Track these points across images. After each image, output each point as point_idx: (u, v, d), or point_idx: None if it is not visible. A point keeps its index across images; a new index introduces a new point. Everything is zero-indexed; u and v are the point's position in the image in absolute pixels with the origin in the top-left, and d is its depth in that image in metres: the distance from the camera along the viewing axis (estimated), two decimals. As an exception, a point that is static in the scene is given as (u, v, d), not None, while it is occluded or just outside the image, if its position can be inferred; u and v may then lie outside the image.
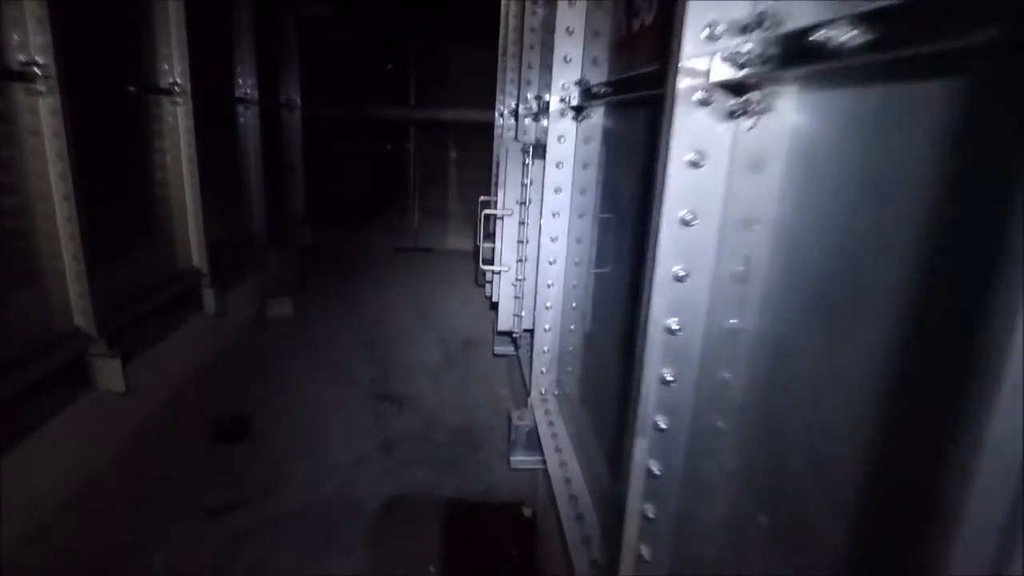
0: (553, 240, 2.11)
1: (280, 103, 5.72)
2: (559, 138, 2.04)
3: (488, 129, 7.59)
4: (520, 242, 2.36)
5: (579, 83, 1.98)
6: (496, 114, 5.41)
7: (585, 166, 2.02)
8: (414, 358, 4.25)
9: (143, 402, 3.02)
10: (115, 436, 2.83)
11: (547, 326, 2.19)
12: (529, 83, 3.11)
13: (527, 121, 3.15)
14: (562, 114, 2.04)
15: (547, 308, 2.18)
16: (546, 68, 2.85)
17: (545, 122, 3.16)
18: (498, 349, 3.42)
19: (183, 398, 3.42)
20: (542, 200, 2.09)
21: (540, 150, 2.23)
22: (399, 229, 7.76)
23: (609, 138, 1.88)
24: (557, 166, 2.05)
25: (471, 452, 3.11)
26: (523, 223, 2.35)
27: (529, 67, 3.09)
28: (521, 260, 2.37)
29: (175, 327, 3.42)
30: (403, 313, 5.15)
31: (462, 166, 7.69)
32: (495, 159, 5.50)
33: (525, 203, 2.32)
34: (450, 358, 4.28)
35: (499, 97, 5.37)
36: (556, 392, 2.25)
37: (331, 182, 7.20)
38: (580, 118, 2.01)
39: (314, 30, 6.28)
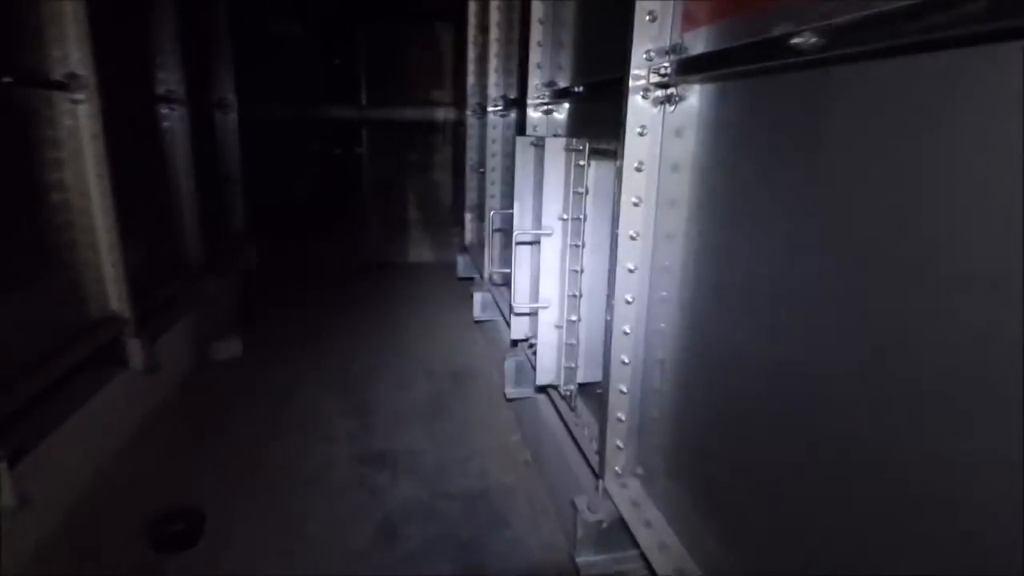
0: (631, 271, 1.51)
1: (213, 102, 4.86)
2: (639, 130, 1.45)
3: (453, 128, 6.96)
4: (574, 271, 1.75)
5: (671, 51, 1.39)
6: (468, 111, 4.78)
7: (675, 168, 1.43)
8: (398, 402, 3.55)
9: (45, 516, 2.22)
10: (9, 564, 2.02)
11: (623, 387, 1.59)
12: (539, 67, 2.50)
13: (536, 115, 2.54)
14: (643, 95, 1.44)
15: (624, 363, 1.59)
16: (559, 46, 2.25)
17: (559, 115, 2.57)
18: (511, 392, 2.81)
19: (104, 495, 2.61)
20: (617, 217, 1.49)
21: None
22: (355, 242, 6.96)
23: (724, 130, 1.31)
24: (637, 168, 1.45)
25: (496, 528, 2.47)
26: (576, 245, 1.74)
27: (539, 45, 2.48)
28: (575, 295, 1.76)
29: (87, 397, 2.60)
30: (374, 344, 4.42)
31: (423, 170, 6.98)
32: (468, 162, 4.85)
33: (579, 219, 1.71)
34: (441, 399, 3.61)
35: (470, 91, 4.74)
36: (639, 471, 1.66)
37: (276, 193, 6.33)
38: (671, 101, 1.42)
39: (251, 16, 5.43)
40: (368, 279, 6.32)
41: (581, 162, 1.63)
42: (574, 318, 1.74)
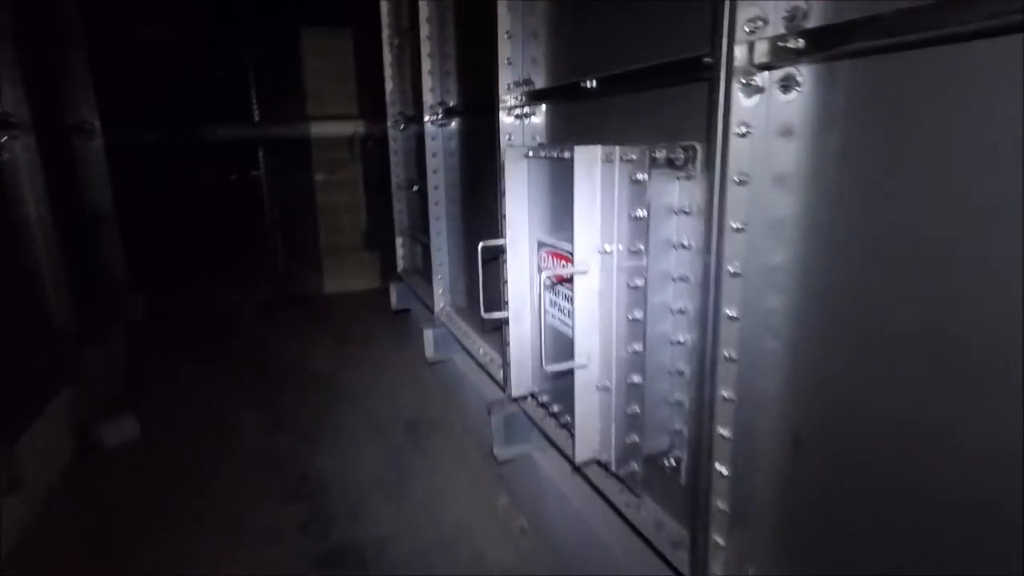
0: (733, 318, 1.13)
1: (69, 127, 3.95)
2: (742, 129, 1.06)
3: (363, 143, 6.31)
4: (632, 320, 1.33)
5: (792, 15, 1.01)
6: (388, 123, 4.24)
7: (779, 180, 1.07)
8: (350, 471, 2.96)
9: None
10: None
11: (724, 469, 1.20)
12: (510, 62, 2.07)
13: (510, 120, 2.11)
14: (745, 83, 1.06)
15: (724, 437, 1.20)
16: (532, 37, 1.85)
17: (536, 119, 2.16)
18: (503, 452, 2.36)
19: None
20: (717, 248, 1.10)
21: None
22: (261, 278, 6.13)
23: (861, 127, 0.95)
24: (740, 181, 1.07)
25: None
26: (636, 287, 1.32)
27: (508, 36, 2.05)
28: (636, 352, 1.34)
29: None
30: (306, 399, 3.76)
31: (333, 191, 6.29)
32: (394, 180, 4.31)
33: (640, 251, 1.30)
34: (401, 460, 3.06)
35: (389, 100, 4.21)
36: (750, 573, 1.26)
37: (162, 230, 5.38)
38: (789, 88, 1.05)
39: (111, 21, 4.54)
40: (283, 318, 5.54)
41: (639, 175, 1.22)
42: (636, 379, 1.32)
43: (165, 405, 3.63)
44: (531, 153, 1.72)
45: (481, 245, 1.85)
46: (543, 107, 2.07)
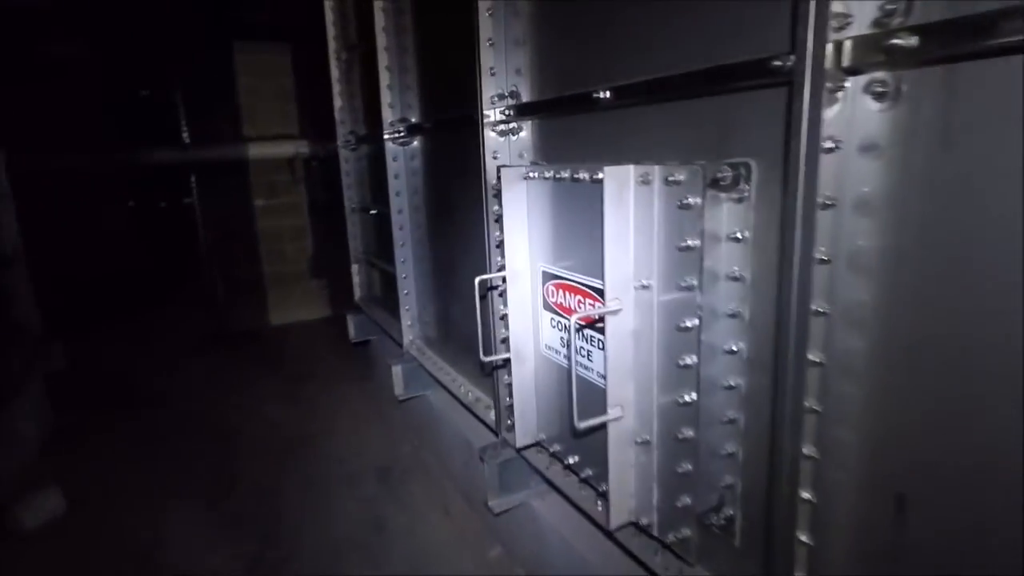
0: (816, 363, 0.96)
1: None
2: (831, 144, 0.91)
3: (306, 164, 5.92)
4: (682, 365, 1.14)
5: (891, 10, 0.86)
6: (339, 143, 3.96)
7: (863, 203, 0.92)
8: (319, 529, 2.63)
9: None
10: None
11: (805, 537, 1.03)
12: (494, 73, 1.88)
13: (493, 135, 1.92)
14: (836, 87, 0.91)
15: (805, 500, 1.03)
16: (517, 44, 1.68)
17: (524, 135, 1.96)
18: (498, 503, 2.13)
19: None
20: (801, 283, 0.93)
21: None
22: (198, 313, 5.63)
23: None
24: (827, 204, 0.92)
25: None
26: (686, 328, 1.13)
27: (491, 44, 1.86)
28: (686, 402, 1.15)
29: None
30: (261, 446, 3.38)
31: (275, 216, 5.89)
32: (347, 204, 4.01)
33: (691, 287, 1.11)
34: (377, 512, 2.76)
35: (339, 118, 3.93)
36: None
37: (83, 266, 4.83)
38: (885, 97, 0.90)
39: (14, 37, 4.03)
40: (227, 356, 5.08)
41: (691, 199, 1.04)
42: (688, 433, 1.14)
43: (95, 471, 3.17)
44: (533, 174, 1.52)
45: (478, 280, 1.63)
46: (528, 123, 1.88)
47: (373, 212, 3.59)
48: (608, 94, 1.37)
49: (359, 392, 4.00)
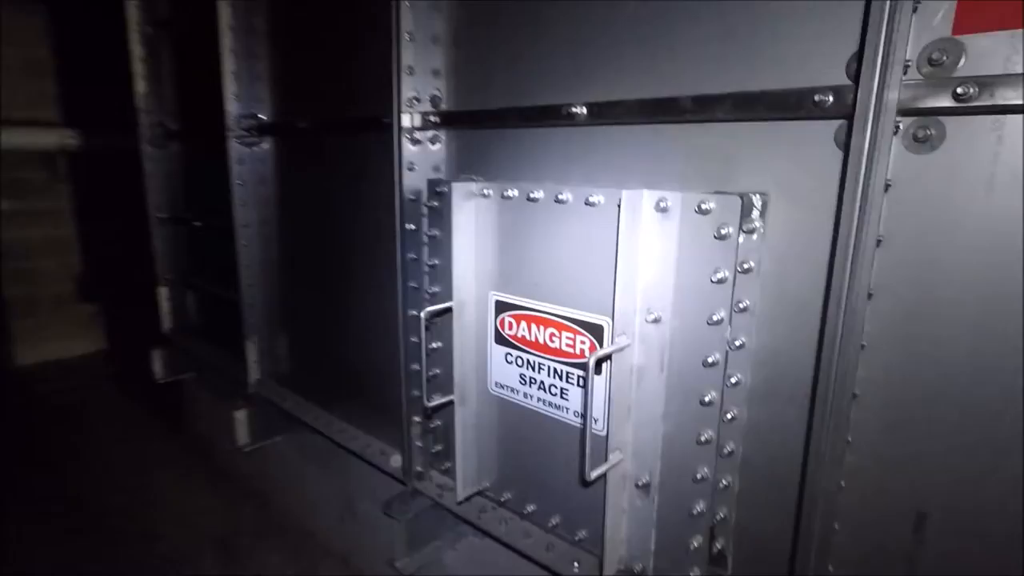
0: (856, 397, 0.99)
1: None
2: (888, 180, 0.95)
3: (72, 160, 4.63)
4: (704, 403, 1.07)
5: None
6: (143, 137, 3.21)
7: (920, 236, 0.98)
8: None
9: None
10: None
11: (832, 568, 1.06)
12: (411, 71, 1.67)
13: (408, 143, 1.70)
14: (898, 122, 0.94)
15: (836, 530, 1.06)
16: (433, 41, 1.53)
17: (440, 145, 1.76)
18: (407, 564, 1.90)
19: None
20: (845, 317, 0.95)
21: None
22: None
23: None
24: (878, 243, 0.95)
25: None
26: (713, 363, 1.06)
27: (411, 38, 1.64)
28: (705, 441, 1.08)
29: None
30: (36, 542, 2.52)
31: (25, 224, 4.58)
32: (151, 212, 3.26)
33: (721, 321, 1.05)
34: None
35: (142, 107, 3.19)
36: None
37: None
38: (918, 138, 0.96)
39: None
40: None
41: (726, 229, 0.98)
42: (704, 472, 1.06)
43: None
44: (487, 191, 1.34)
45: (426, 311, 1.38)
46: (446, 133, 1.69)
47: (198, 224, 2.96)
48: (583, 110, 1.27)
49: (177, 447, 3.25)
